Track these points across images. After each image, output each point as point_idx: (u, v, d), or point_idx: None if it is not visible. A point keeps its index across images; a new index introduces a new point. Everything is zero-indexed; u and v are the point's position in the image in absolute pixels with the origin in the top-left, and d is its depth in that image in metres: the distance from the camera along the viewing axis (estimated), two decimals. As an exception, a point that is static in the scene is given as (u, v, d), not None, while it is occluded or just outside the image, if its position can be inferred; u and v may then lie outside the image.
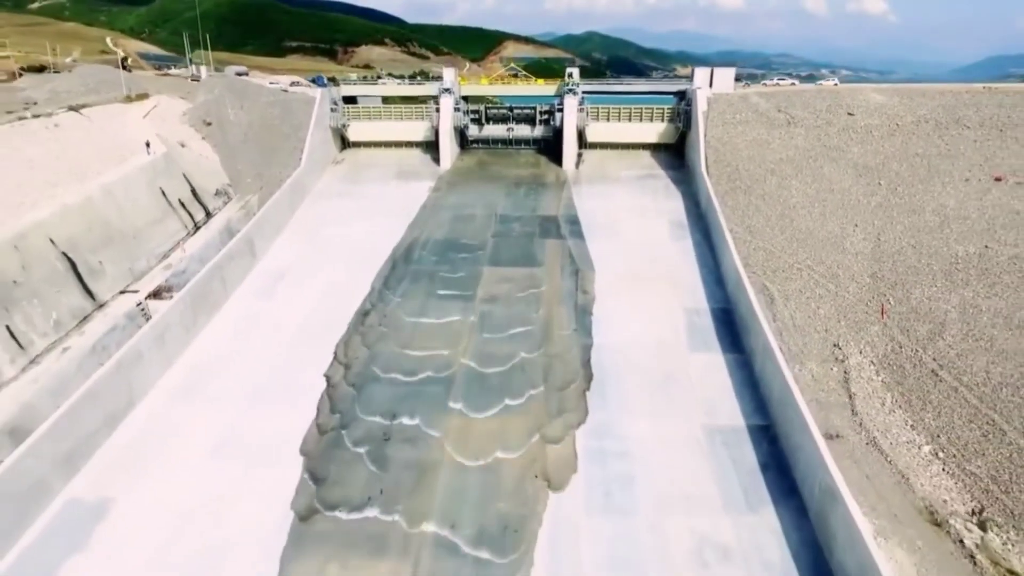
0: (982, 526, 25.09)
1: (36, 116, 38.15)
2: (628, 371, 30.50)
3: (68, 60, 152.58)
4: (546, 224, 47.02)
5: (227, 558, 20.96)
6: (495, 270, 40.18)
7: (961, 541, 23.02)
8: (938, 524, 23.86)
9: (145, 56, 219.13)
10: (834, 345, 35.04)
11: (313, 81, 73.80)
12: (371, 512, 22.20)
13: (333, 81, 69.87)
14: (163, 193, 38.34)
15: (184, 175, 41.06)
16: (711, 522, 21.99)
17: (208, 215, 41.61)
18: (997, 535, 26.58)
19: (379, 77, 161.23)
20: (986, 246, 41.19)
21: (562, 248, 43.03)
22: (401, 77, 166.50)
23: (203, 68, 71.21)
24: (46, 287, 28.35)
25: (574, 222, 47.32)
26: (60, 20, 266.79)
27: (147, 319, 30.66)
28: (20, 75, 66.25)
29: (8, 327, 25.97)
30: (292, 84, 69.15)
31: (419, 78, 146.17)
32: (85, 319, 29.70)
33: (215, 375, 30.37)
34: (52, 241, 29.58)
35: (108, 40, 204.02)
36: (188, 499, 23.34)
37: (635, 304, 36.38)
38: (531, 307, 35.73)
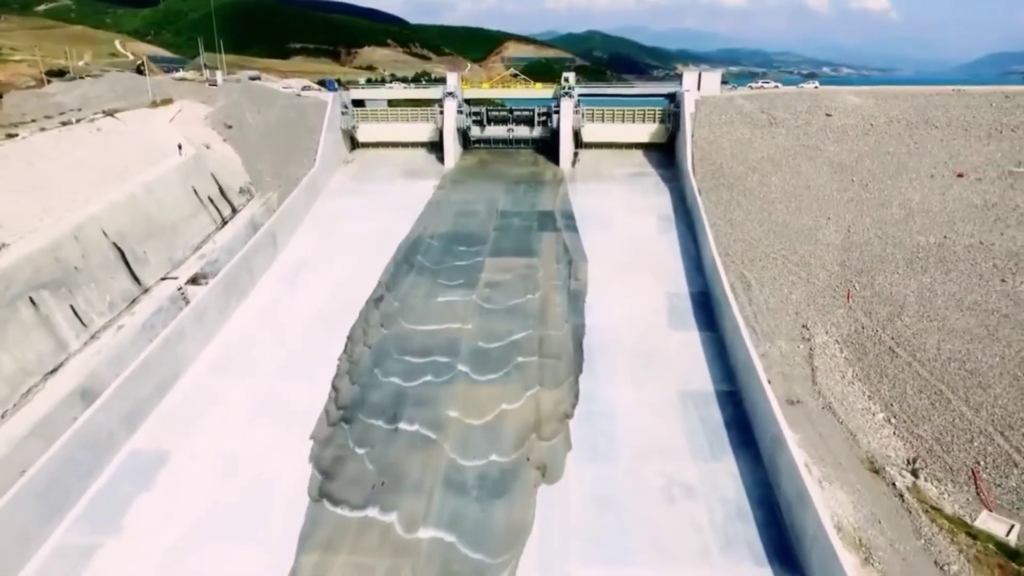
0: (914, 473, 29.04)
1: (79, 121, 42.04)
2: (615, 347, 34.40)
3: (81, 63, 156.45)
4: (543, 219, 50.89)
5: (269, 497, 24.90)
6: (496, 260, 44.05)
7: (894, 484, 26.85)
8: (876, 471, 27.68)
9: (153, 59, 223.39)
10: (803, 326, 38.78)
11: (323, 85, 77.63)
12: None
13: (342, 85, 73.70)
14: (195, 191, 42.33)
15: (212, 174, 45.06)
16: (679, 467, 25.89)
17: (234, 211, 45.59)
18: (934, 485, 30.55)
19: (384, 80, 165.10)
20: (945, 237, 44.99)
21: (557, 240, 46.88)
22: (404, 79, 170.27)
23: (218, 73, 74.99)
24: (101, 273, 32.32)
25: (569, 217, 51.16)
26: (68, 23, 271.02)
27: (187, 302, 34.61)
28: (48, 81, 70.20)
29: (72, 307, 29.93)
30: (304, 88, 73.05)
31: (423, 80, 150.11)
32: (134, 301, 33.69)
33: (247, 351, 34.35)
34: (104, 233, 33.55)
35: (117, 43, 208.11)
36: (231, 451, 27.31)
37: (623, 290, 40.25)
38: (529, 293, 39.58)
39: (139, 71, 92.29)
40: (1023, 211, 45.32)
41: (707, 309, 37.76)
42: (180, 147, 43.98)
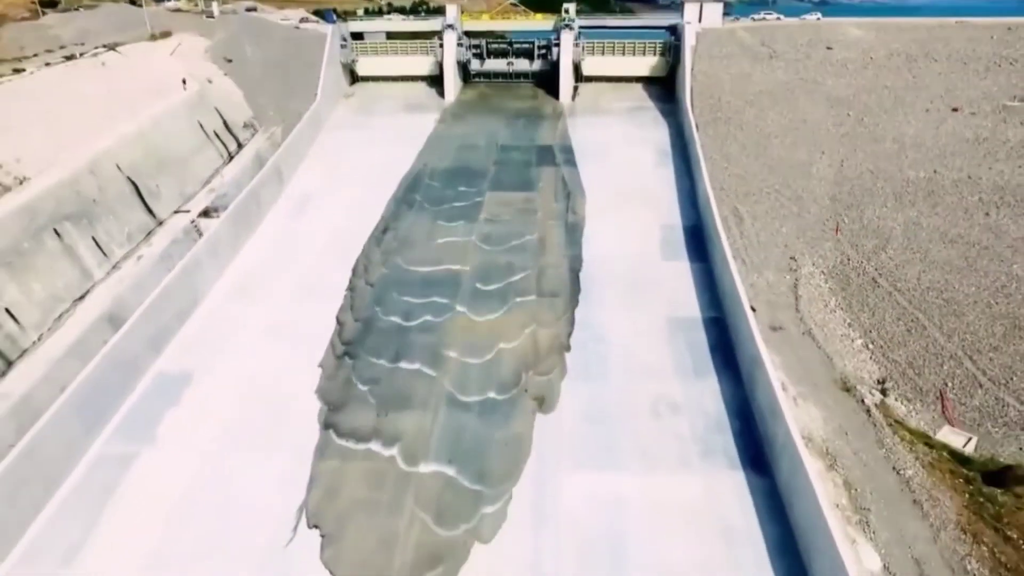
0: (883, 392, 31.29)
1: (83, 55, 42.48)
2: (609, 276, 36.16)
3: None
4: (542, 153, 51.76)
5: (288, 411, 27.18)
6: (496, 194, 45.27)
7: (863, 401, 29.04)
8: (848, 390, 29.85)
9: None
10: (791, 258, 40.42)
11: (322, 16, 76.67)
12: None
13: (341, 17, 72.82)
14: (201, 126, 43.19)
15: (216, 109, 45.79)
16: (665, 386, 28.06)
17: (239, 145, 46.54)
18: (903, 405, 32.87)
19: (381, 10, 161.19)
20: (935, 171, 46.07)
21: (556, 174, 47.95)
22: (403, 9, 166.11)
23: (215, 4, 73.99)
24: (118, 206, 33.74)
25: (568, 151, 52.00)
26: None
27: (200, 234, 36.16)
28: (43, 12, 69.51)
29: (94, 238, 31.51)
30: (302, 20, 72.27)
31: (422, 10, 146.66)
32: (150, 233, 35.26)
33: (259, 280, 36.16)
34: (118, 167, 34.76)
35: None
36: (250, 371, 29.48)
37: (618, 222, 41.70)
38: (528, 226, 41.04)
39: (133, 2, 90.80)
40: (1012, 145, 46.21)
41: (699, 241, 39.29)
42: (184, 82, 44.53)
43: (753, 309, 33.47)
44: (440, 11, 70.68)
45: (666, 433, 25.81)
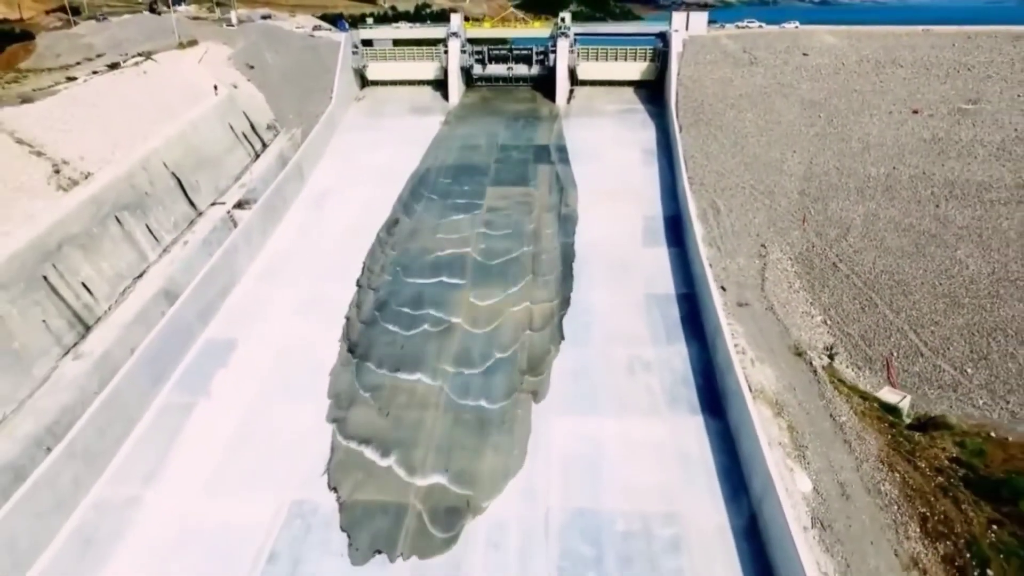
0: (830, 356, 36.06)
1: (124, 63, 47.33)
2: (595, 259, 40.98)
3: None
4: (539, 152, 56.59)
5: (316, 370, 32.02)
6: (497, 189, 50.11)
7: (811, 363, 33.79)
8: (799, 355, 34.57)
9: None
10: (761, 245, 45.14)
11: (334, 24, 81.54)
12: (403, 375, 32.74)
13: (352, 24, 77.65)
14: (231, 128, 48.01)
15: (244, 112, 50.60)
16: (640, 350, 32.86)
17: (264, 145, 51.37)
18: (853, 371, 37.65)
19: (387, 15, 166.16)
20: (894, 167, 50.80)
21: (551, 171, 52.76)
22: (407, 13, 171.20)
23: (233, 13, 78.87)
24: (166, 198, 38.58)
25: (563, 150, 56.82)
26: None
27: (235, 224, 40.98)
28: (75, 22, 74.47)
29: (147, 225, 36.36)
30: (315, 28, 77.14)
31: (425, 12, 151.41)
32: (192, 222, 40.10)
33: (287, 263, 41.06)
34: (165, 164, 39.59)
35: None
36: (282, 339, 34.35)
37: (606, 212, 46.50)
38: (525, 216, 45.85)
39: (152, 10, 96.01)
40: (964, 144, 50.91)
41: (676, 229, 44.04)
42: (216, 88, 49.38)
43: (723, 289, 38.36)
44: (443, 16, 75.49)
45: (639, 386, 30.63)
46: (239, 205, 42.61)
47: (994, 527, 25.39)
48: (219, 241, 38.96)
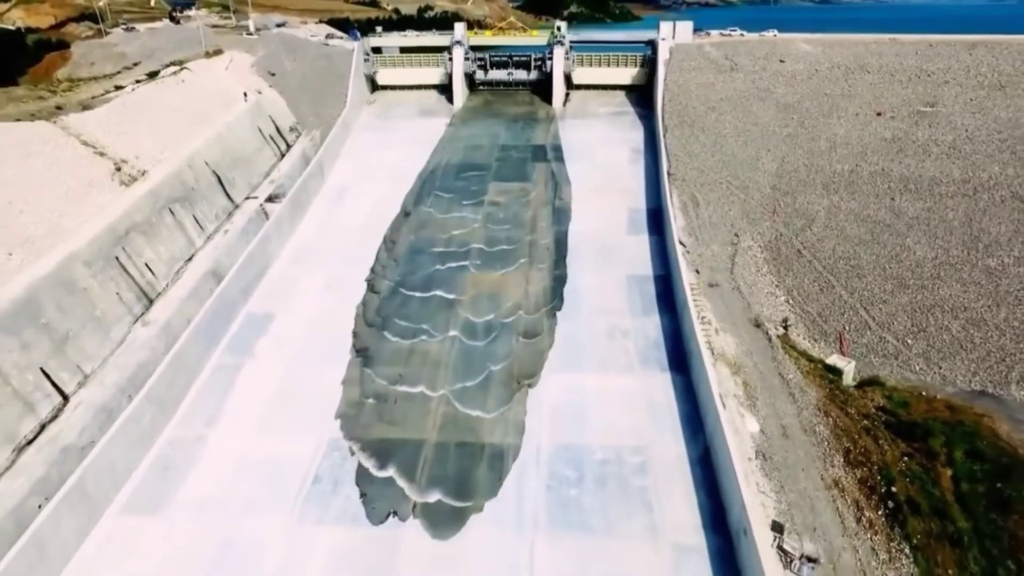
0: (785, 327, 41.52)
1: (162, 72, 52.93)
2: (585, 246, 46.51)
3: (100, 3, 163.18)
4: (536, 151, 62.11)
5: (342, 336, 37.58)
6: (498, 184, 55.60)
7: (767, 333, 39.23)
8: (758, 326, 40.02)
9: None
10: (735, 234, 50.57)
11: (345, 31, 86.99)
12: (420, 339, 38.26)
13: (362, 32, 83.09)
14: (260, 130, 53.57)
15: (270, 116, 56.15)
16: (620, 320, 38.39)
17: (288, 146, 56.91)
18: (810, 344, 43.02)
19: (391, 18, 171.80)
20: (857, 165, 56.17)
21: (547, 168, 58.26)
22: (411, 18, 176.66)
23: (251, 22, 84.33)
24: (208, 192, 44.14)
25: (558, 149, 62.33)
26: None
27: (267, 216, 46.52)
28: (107, 32, 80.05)
29: (194, 216, 41.94)
30: (328, 36, 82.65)
31: (427, 14, 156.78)
32: (230, 214, 45.67)
33: (313, 249, 46.67)
34: (206, 163, 45.14)
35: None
36: (311, 312, 39.96)
37: (596, 205, 52.02)
38: (523, 208, 51.35)
39: (172, 19, 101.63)
40: (920, 143, 56.29)
41: (657, 220, 49.52)
42: (245, 95, 54.93)
43: (697, 272, 43.88)
44: (445, 20, 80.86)
45: (617, 350, 36.17)
46: (270, 199, 48.15)
47: (905, 459, 30.85)
48: (254, 230, 44.51)
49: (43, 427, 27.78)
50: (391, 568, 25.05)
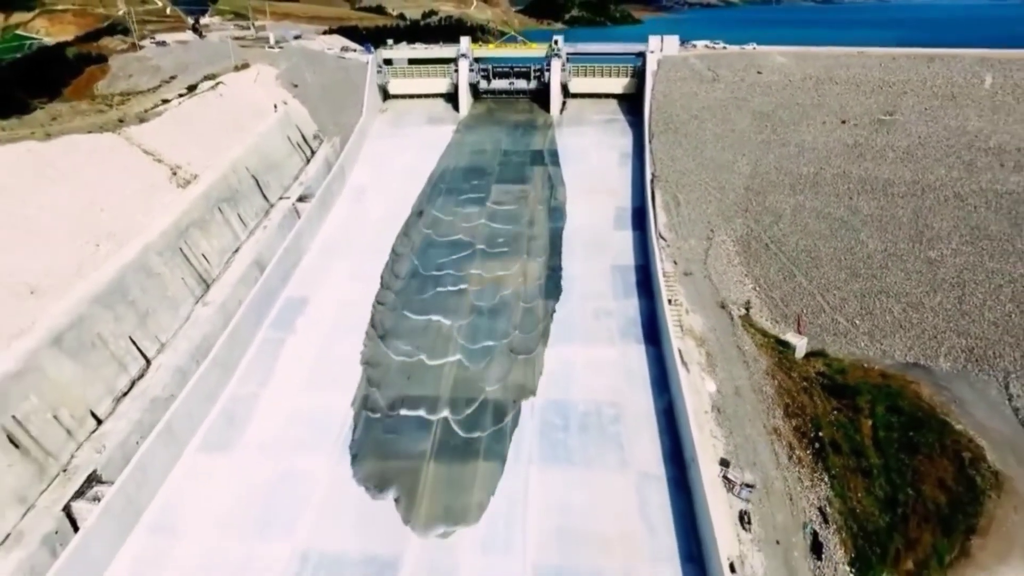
0: (747, 309, 48.14)
1: (202, 88, 59.71)
2: (576, 239, 53.18)
3: (119, 13, 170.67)
4: (535, 155, 68.73)
5: (365, 316, 44.28)
6: (500, 186, 62.26)
7: (730, 313, 45.84)
8: (723, 308, 46.66)
9: (175, 1, 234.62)
10: (710, 230, 57.17)
11: (359, 43, 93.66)
12: (434, 316, 44.95)
13: (375, 45, 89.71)
14: (288, 138, 60.32)
15: (296, 125, 62.91)
16: (604, 303, 45.10)
17: (313, 152, 63.65)
18: (771, 325, 49.57)
19: (397, 26, 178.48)
20: (821, 168, 62.67)
21: (544, 172, 64.88)
22: (416, 24, 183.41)
23: (271, 35, 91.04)
24: (248, 193, 50.91)
25: (554, 154, 68.95)
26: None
27: (298, 214, 53.26)
28: (140, 46, 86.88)
29: (238, 214, 48.71)
30: (343, 49, 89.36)
31: (432, 23, 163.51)
32: (267, 212, 52.44)
33: (338, 243, 53.43)
34: (246, 168, 51.90)
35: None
36: (340, 296, 46.70)
37: (586, 204, 58.67)
38: (522, 207, 58.02)
39: (195, 30, 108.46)
40: (878, 148, 62.74)
41: (640, 217, 56.13)
42: (276, 107, 61.70)
43: (675, 262, 50.57)
44: (451, 29, 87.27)
45: (601, 327, 42.86)
46: (300, 199, 54.89)
47: (835, 412, 37.55)
48: (288, 226, 51.26)
49: (133, 383, 34.55)
50: (415, 491, 31.79)
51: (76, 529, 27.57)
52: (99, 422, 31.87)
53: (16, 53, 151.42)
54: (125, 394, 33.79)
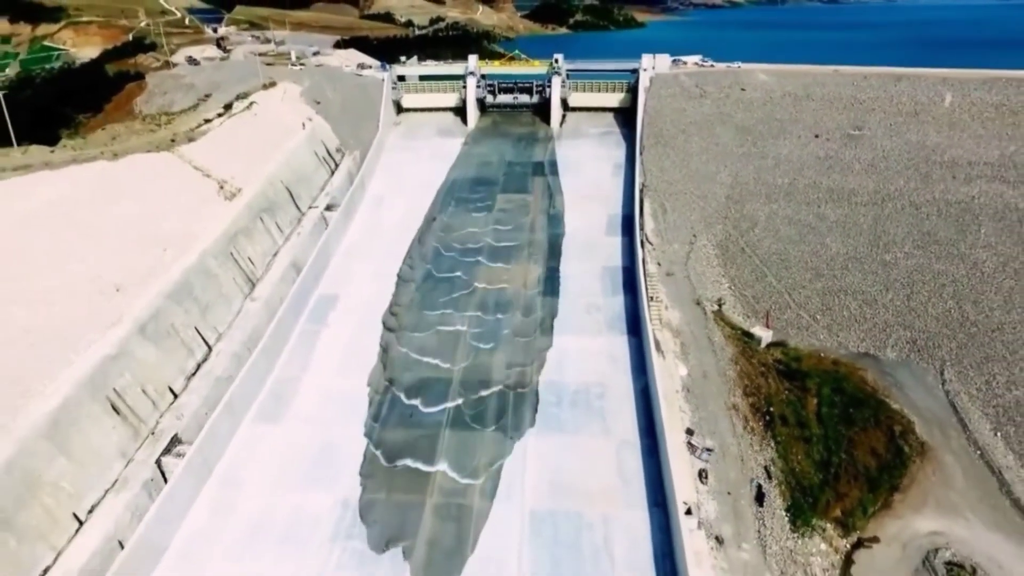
0: (719, 306, 54.96)
1: (239, 107, 66.87)
2: (571, 244, 60.14)
3: (142, 24, 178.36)
4: (536, 167, 75.73)
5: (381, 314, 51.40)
6: (504, 195, 69.25)
7: (704, 309, 52.63)
8: (698, 304, 53.45)
9: (191, 11, 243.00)
10: (693, 235, 63.96)
11: (376, 57, 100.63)
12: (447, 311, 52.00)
13: (390, 61, 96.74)
14: (315, 153, 67.43)
15: (321, 140, 70.03)
16: (595, 300, 52.08)
17: (336, 165, 70.76)
18: (743, 320, 56.30)
19: (408, 36, 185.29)
20: (794, 178, 69.36)
21: (544, 182, 71.82)
22: (426, 35, 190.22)
23: (292, 53, 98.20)
24: (283, 203, 58.01)
25: (554, 164, 75.90)
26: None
27: (326, 222, 60.36)
28: (172, 64, 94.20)
29: (276, 222, 55.83)
30: (359, 66, 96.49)
31: (440, 31, 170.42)
32: (299, 220, 59.56)
33: (361, 246, 60.59)
34: (281, 181, 59.01)
35: (163, 0, 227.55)
36: (368, 294, 53.73)
37: (582, 212, 65.59)
38: (524, 215, 64.98)
39: (219, 46, 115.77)
40: (846, 161, 69.38)
41: (629, 224, 62.97)
42: (304, 124, 68.81)
43: (659, 264, 57.44)
44: (458, 40, 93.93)
45: (591, 320, 49.82)
46: (328, 208, 61.99)
47: (786, 392, 44.37)
48: (318, 232, 58.37)
49: (199, 365, 41.68)
50: (432, 455, 38.76)
51: (165, 480, 34.65)
52: (175, 396, 38.97)
53: (44, 64, 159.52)
54: (194, 374, 40.88)
